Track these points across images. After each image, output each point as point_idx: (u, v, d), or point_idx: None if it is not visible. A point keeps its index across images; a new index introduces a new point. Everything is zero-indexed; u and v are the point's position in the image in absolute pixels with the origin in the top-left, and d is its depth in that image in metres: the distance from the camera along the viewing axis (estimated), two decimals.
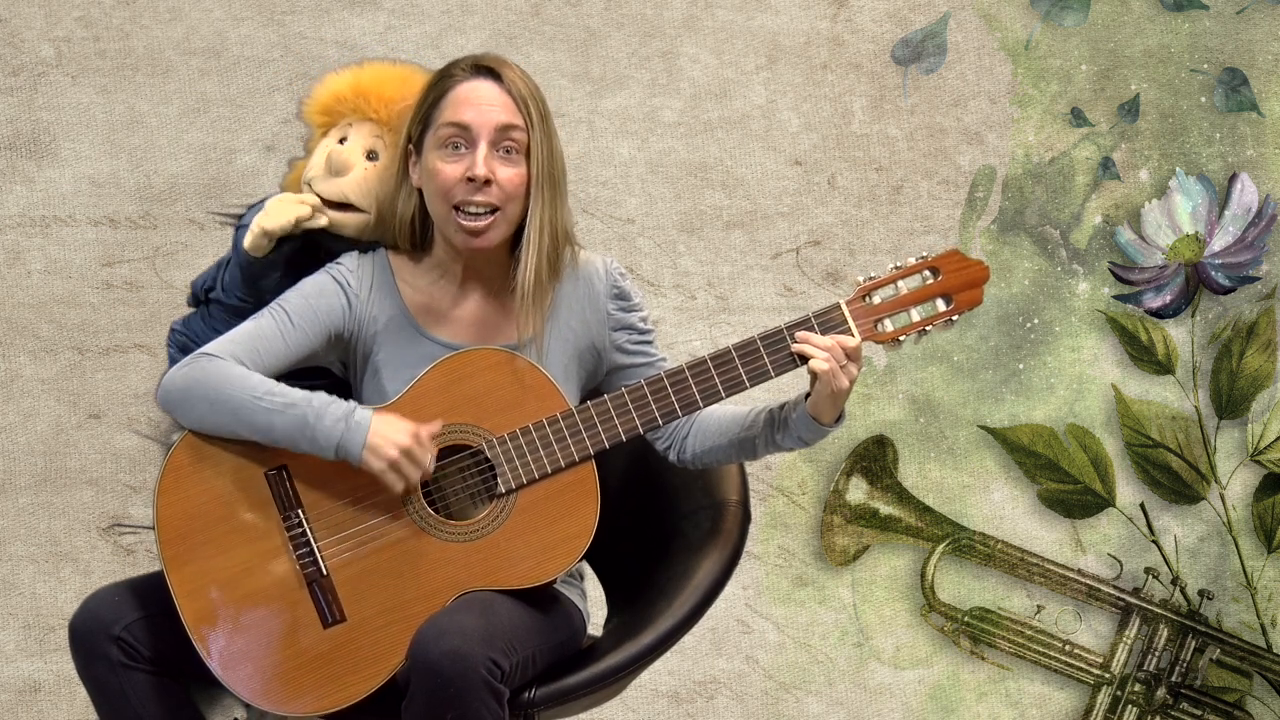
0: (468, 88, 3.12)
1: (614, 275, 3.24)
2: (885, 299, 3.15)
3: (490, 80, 3.12)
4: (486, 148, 3.10)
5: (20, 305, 4.37)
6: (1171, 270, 4.47)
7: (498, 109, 3.10)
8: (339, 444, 3.01)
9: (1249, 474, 4.51)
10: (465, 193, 3.10)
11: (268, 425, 3.02)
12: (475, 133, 3.10)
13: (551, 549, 3.09)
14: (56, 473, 4.37)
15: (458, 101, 3.11)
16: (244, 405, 3.02)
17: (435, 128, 3.12)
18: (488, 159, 3.09)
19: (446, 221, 3.13)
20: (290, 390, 3.03)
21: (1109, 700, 4.48)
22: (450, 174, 3.10)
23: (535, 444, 3.09)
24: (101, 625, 3.05)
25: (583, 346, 3.21)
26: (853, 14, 4.44)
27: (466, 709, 2.91)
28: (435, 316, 3.18)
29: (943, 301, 3.16)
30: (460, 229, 3.11)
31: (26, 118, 4.35)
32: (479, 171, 3.09)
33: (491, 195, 3.10)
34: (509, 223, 3.14)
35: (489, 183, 3.09)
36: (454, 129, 3.10)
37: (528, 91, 3.13)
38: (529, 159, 3.12)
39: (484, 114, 3.10)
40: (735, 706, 4.45)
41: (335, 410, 3.02)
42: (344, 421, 3.01)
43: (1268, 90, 4.46)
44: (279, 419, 3.02)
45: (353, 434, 3.01)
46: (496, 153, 3.11)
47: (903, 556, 4.49)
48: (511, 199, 3.12)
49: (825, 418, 3.14)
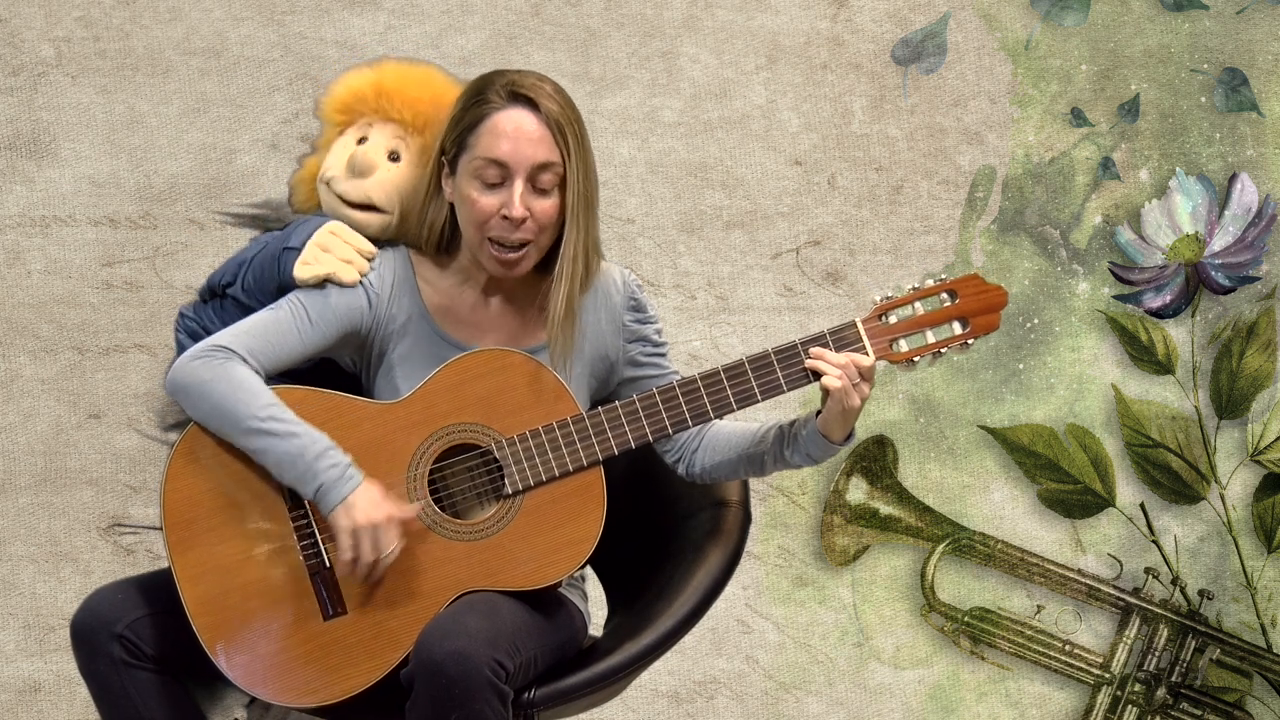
0: (504, 119, 3.08)
1: (631, 287, 3.24)
2: (901, 319, 3.15)
3: (527, 110, 3.08)
4: (523, 185, 3.08)
5: (20, 305, 4.36)
6: (1171, 270, 4.47)
7: (534, 144, 3.07)
8: (323, 485, 3.01)
9: (1249, 474, 4.51)
10: (501, 229, 3.09)
11: (263, 448, 3.02)
12: (512, 170, 3.07)
13: (555, 552, 3.09)
14: (56, 473, 4.36)
15: (495, 134, 3.07)
16: (245, 420, 3.02)
17: (470, 155, 3.09)
18: (524, 197, 3.08)
19: (479, 248, 3.12)
20: (295, 419, 3.03)
21: (1109, 700, 4.48)
22: (486, 207, 3.09)
23: (544, 447, 3.09)
24: (104, 623, 3.05)
25: (596, 356, 3.21)
26: (853, 14, 4.44)
27: (470, 710, 2.91)
28: (455, 319, 3.18)
29: (959, 325, 3.16)
30: (493, 259, 3.11)
31: (26, 118, 4.35)
32: (515, 213, 3.07)
33: (526, 231, 3.10)
34: (541, 250, 3.14)
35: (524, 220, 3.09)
36: (489, 164, 3.08)
37: (564, 119, 3.09)
38: (564, 188, 3.11)
39: (520, 151, 3.07)
40: (735, 706, 4.45)
41: (334, 456, 3.02)
42: (339, 470, 3.01)
43: (1268, 90, 4.47)
44: (276, 444, 3.01)
45: (341, 485, 3.01)
46: (532, 188, 3.09)
47: (903, 556, 4.49)
48: (545, 230, 3.11)
49: (835, 436, 3.14)
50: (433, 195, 3.16)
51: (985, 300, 3.17)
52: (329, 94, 3.29)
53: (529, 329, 3.19)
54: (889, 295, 3.16)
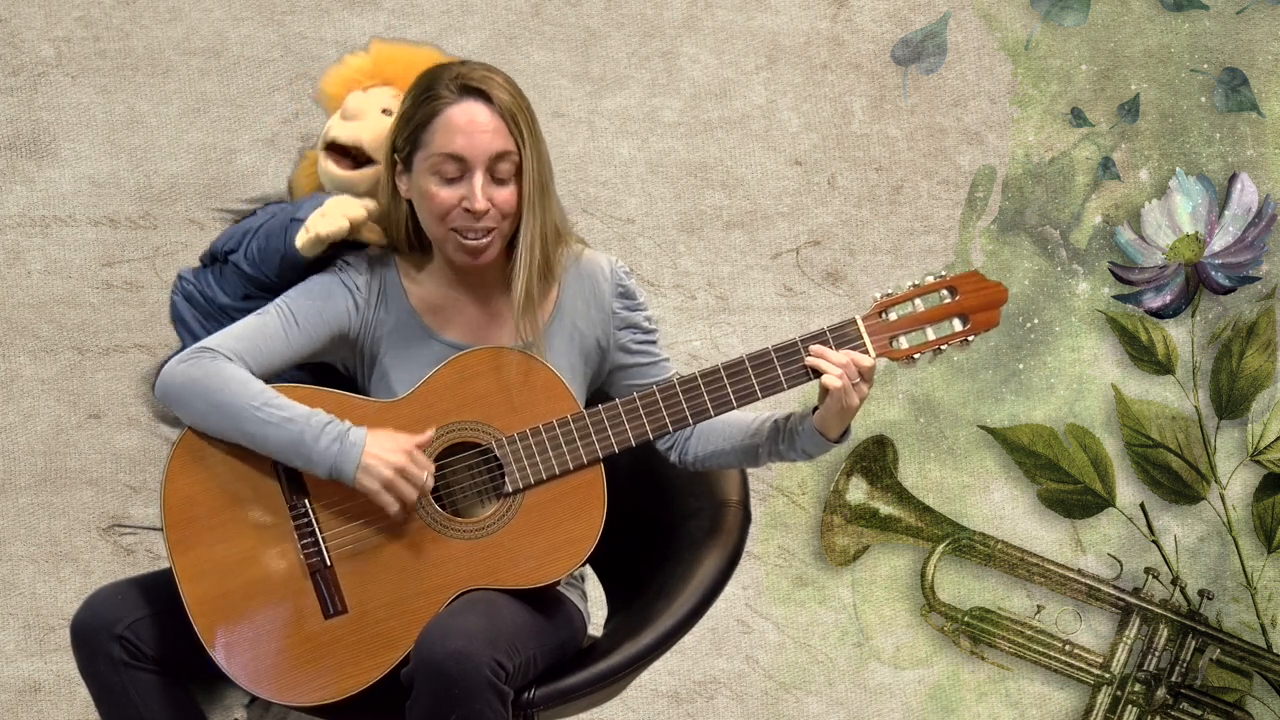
0: (458, 112, 3.08)
1: (619, 274, 3.24)
2: (901, 316, 3.15)
3: (479, 101, 3.08)
4: (482, 176, 3.08)
5: (20, 305, 4.36)
6: (1171, 270, 4.47)
7: (489, 135, 3.07)
8: (333, 464, 3.01)
9: (1249, 474, 4.51)
10: (463, 220, 3.09)
11: (263, 437, 3.02)
12: (470, 163, 3.08)
13: (556, 551, 3.09)
14: (56, 473, 4.37)
15: (449, 128, 3.07)
16: (241, 412, 3.02)
17: (426, 152, 3.09)
18: (484, 188, 3.08)
19: (444, 241, 3.12)
20: (290, 404, 3.03)
21: (1109, 700, 4.48)
22: (446, 201, 3.09)
23: (545, 445, 3.09)
24: (104, 623, 3.05)
25: (588, 345, 3.21)
26: (853, 14, 4.44)
27: (471, 710, 2.91)
28: (442, 317, 3.18)
29: (959, 321, 3.17)
30: (460, 248, 3.11)
31: (26, 118, 4.35)
32: (478, 205, 3.07)
33: (489, 220, 3.10)
34: (505, 236, 3.13)
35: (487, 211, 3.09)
36: (447, 159, 3.08)
37: (516, 106, 3.09)
38: (520, 175, 3.11)
39: (477, 143, 3.07)
40: (735, 706, 4.45)
41: (331, 430, 3.02)
42: (339, 441, 3.01)
43: (1268, 90, 4.47)
44: (274, 431, 3.02)
45: (347, 453, 3.01)
46: (490, 179, 3.09)
47: (903, 556, 4.49)
48: (507, 216, 3.12)
49: (832, 433, 3.14)
50: (390, 196, 3.16)
51: (985, 297, 3.17)
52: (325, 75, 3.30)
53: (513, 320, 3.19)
54: (889, 292, 3.17)
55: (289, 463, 3.04)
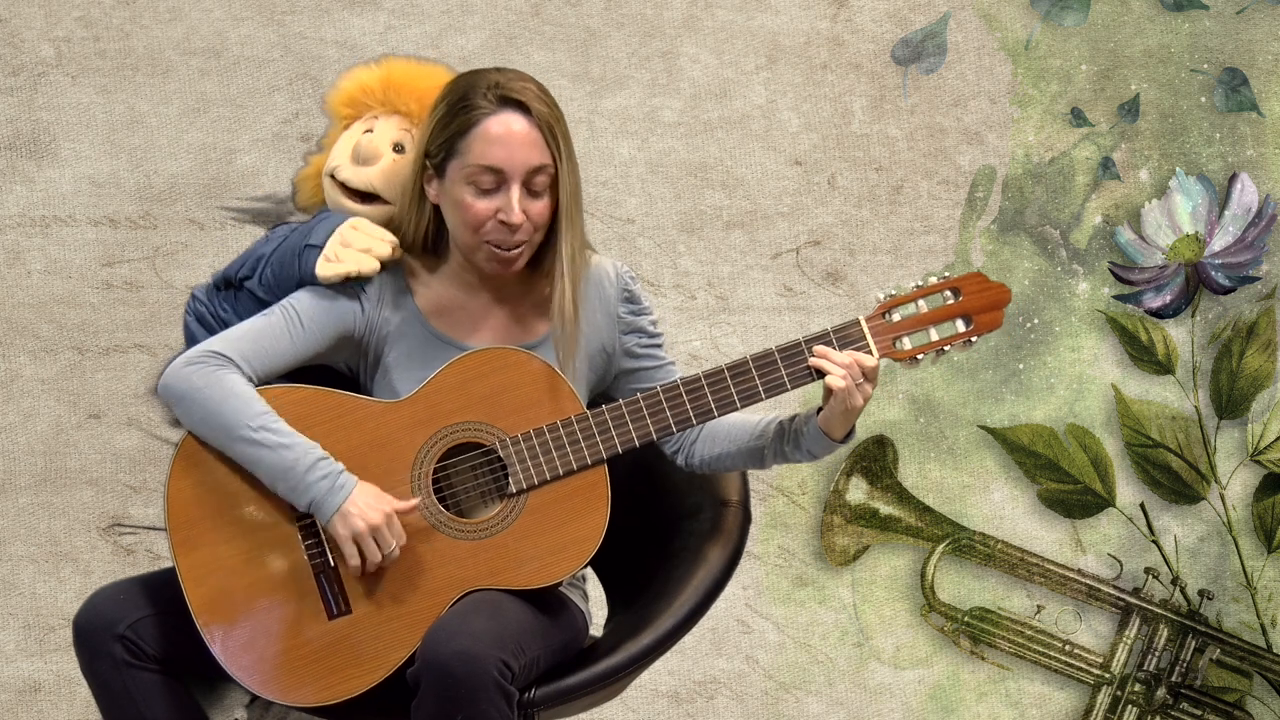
0: (496, 123, 3.07)
1: (624, 279, 3.24)
2: (905, 316, 3.15)
3: (517, 113, 3.08)
4: (519, 190, 3.08)
5: (20, 305, 4.36)
6: (1171, 270, 4.48)
7: (528, 149, 3.07)
8: (316, 498, 3.01)
9: (1249, 474, 4.51)
10: (498, 232, 3.09)
11: (254, 458, 3.02)
12: (508, 175, 3.07)
13: (559, 551, 3.09)
14: (56, 473, 4.36)
15: (488, 139, 3.07)
16: (237, 430, 3.02)
17: (462, 161, 3.08)
18: (521, 201, 3.08)
19: (475, 250, 3.12)
20: (289, 431, 3.03)
21: (1109, 700, 4.48)
22: (481, 212, 3.09)
23: (549, 445, 3.09)
24: (106, 623, 3.05)
25: (594, 350, 3.21)
26: (853, 14, 4.44)
27: (476, 710, 2.91)
28: (449, 319, 3.18)
29: (963, 322, 3.17)
30: (492, 258, 3.11)
31: (26, 118, 4.35)
32: (515, 219, 3.07)
33: (523, 233, 3.10)
34: (534, 247, 3.14)
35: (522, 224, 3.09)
36: (484, 170, 3.07)
37: (552, 118, 3.10)
38: (555, 187, 3.11)
39: (515, 156, 3.07)
40: (735, 706, 4.45)
41: (324, 466, 3.02)
42: (329, 480, 3.01)
43: (1268, 90, 4.47)
44: (267, 455, 3.01)
45: (333, 494, 3.01)
46: (526, 191, 3.09)
47: (903, 556, 4.49)
48: (539, 229, 3.12)
49: (836, 433, 3.14)
50: (416, 199, 3.16)
51: (989, 298, 3.17)
52: (335, 89, 3.30)
53: (524, 324, 3.20)
54: (892, 293, 3.17)
55: (272, 486, 3.03)
